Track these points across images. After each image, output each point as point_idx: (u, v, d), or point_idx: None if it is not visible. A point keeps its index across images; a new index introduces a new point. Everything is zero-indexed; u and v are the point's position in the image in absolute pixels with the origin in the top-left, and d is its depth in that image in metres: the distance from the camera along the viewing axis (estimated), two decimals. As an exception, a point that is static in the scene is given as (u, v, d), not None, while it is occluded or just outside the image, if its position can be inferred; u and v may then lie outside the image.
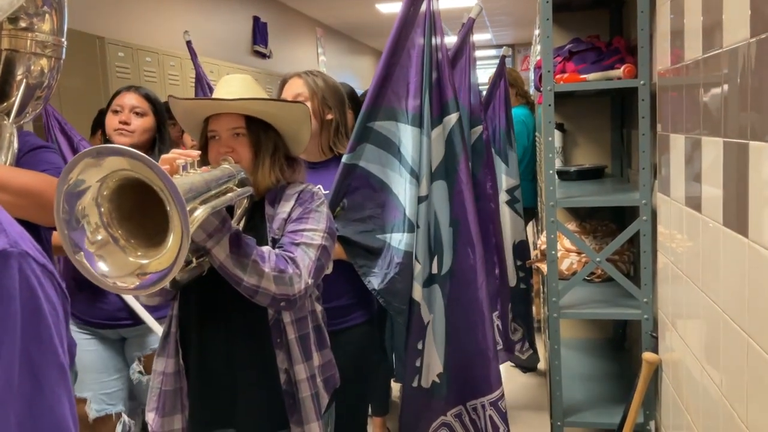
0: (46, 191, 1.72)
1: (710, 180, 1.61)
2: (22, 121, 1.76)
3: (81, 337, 2.46)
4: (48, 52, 1.72)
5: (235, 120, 1.74)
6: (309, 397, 1.76)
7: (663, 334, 2.22)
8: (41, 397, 0.68)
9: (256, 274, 1.58)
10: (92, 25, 4.61)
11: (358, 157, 2.21)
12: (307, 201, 1.77)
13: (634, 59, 2.39)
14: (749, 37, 1.32)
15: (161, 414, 1.73)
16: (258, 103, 1.74)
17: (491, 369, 2.33)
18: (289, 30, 9.14)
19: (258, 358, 1.73)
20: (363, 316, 2.29)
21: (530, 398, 3.87)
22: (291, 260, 1.66)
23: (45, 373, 0.69)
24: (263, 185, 1.79)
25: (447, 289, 2.30)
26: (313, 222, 1.73)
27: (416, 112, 2.23)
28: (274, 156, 1.78)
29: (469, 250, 2.30)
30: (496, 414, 2.33)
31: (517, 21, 11.22)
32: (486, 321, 2.31)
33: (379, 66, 2.23)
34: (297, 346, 1.76)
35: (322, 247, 1.72)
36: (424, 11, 2.26)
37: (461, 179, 2.30)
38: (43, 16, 1.72)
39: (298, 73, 2.31)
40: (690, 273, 1.83)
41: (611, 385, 2.76)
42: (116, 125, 2.44)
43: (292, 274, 1.63)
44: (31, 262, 0.70)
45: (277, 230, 1.74)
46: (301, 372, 1.75)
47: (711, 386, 1.64)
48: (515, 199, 3.93)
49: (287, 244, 1.70)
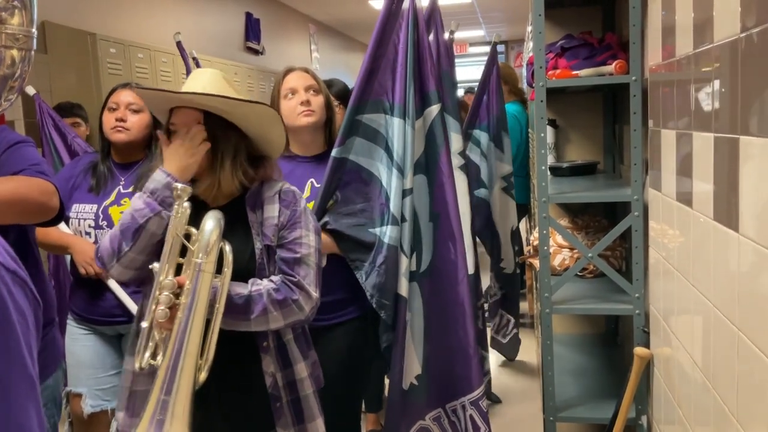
0: (27, 195, 1.72)
1: (701, 175, 1.62)
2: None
3: (78, 332, 2.47)
4: (19, 44, 1.71)
5: (192, 114, 1.69)
6: (312, 394, 1.77)
7: (654, 329, 2.23)
8: (9, 413, 0.65)
9: (262, 323, 1.63)
10: (84, 21, 4.59)
11: (348, 151, 2.21)
12: (292, 203, 1.75)
13: (626, 55, 2.40)
14: (739, 33, 1.33)
15: (131, 414, 1.70)
16: (209, 99, 1.67)
17: (472, 367, 2.30)
18: (281, 26, 9.12)
19: (241, 362, 1.72)
20: (357, 311, 2.28)
21: (523, 394, 3.88)
22: (295, 285, 1.66)
23: (13, 388, 0.66)
24: (227, 190, 1.73)
25: (426, 286, 2.27)
26: (304, 226, 1.73)
27: (402, 104, 2.23)
28: (235, 158, 1.71)
29: (450, 245, 2.28)
30: (477, 414, 2.31)
31: (510, 17, 11.22)
32: (467, 317, 2.29)
33: (365, 59, 2.23)
34: (294, 346, 1.77)
35: (317, 251, 1.74)
36: (408, 4, 2.26)
37: (442, 172, 2.28)
38: (12, 9, 1.71)
39: (303, 67, 2.34)
40: (681, 268, 1.84)
41: (603, 380, 2.77)
42: (113, 123, 2.44)
43: (300, 299, 1.65)
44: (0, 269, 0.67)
45: (273, 237, 1.72)
46: (302, 370, 1.76)
47: (702, 380, 1.65)
48: (511, 185, 3.97)
49: (289, 263, 1.69)
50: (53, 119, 3.51)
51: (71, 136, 3.52)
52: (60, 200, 1.85)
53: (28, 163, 1.82)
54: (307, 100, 2.25)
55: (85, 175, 2.49)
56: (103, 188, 2.45)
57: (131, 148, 2.48)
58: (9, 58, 1.71)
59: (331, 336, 2.20)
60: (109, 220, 2.40)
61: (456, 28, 3.46)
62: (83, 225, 2.41)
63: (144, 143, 2.50)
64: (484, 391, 2.36)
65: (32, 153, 1.90)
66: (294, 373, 1.76)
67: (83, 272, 2.36)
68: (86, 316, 2.46)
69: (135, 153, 2.50)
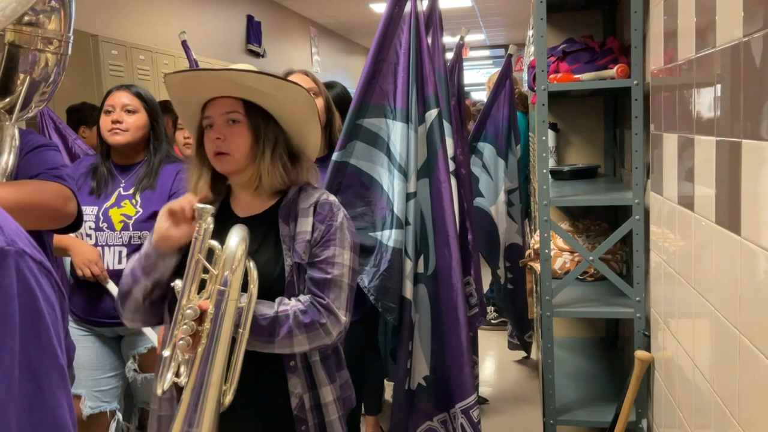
0: (42, 200, 1.68)
1: (702, 179, 1.62)
2: (25, 116, 1.73)
3: (78, 334, 2.46)
4: (52, 48, 1.67)
5: (231, 104, 1.59)
6: (337, 419, 1.68)
7: (655, 332, 2.23)
8: (41, 400, 0.67)
9: (286, 345, 1.55)
10: (86, 22, 4.59)
11: (349, 155, 2.22)
12: (328, 216, 1.62)
13: (627, 59, 2.40)
14: (742, 37, 1.33)
15: None
16: (255, 78, 1.56)
17: (464, 374, 2.30)
18: (282, 29, 9.13)
19: (267, 383, 1.63)
20: (355, 315, 2.29)
21: (523, 397, 3.88)
22: (324, 308, 1.57)
23: (45, 375, 0.67)
24: (267, 183, 1.63)
25: (431, 288, 2.29)
26: (339, 244, 1.61)
27: (404, 108, 2.24)
28: (275, 149, 1.62)
29: (446, 251, 2.28)
30: (467, 422, 2.30)
31: (511, 21, 11.23)
32: (461, 325, 2.29)
33: (367, 63, 2.24)
34: (321, 368, 1.67)
35: (352, 271, 1.63)
36: (410, 8, 2.27)
37: (439, 177, 2.29)
38: (50, 13, 1.67)
39: (303, 70, 2.34)
40: (682, 271, 1.84)
41: (604, 384, 2.77)
42: (109, 125, 2.44)
43: (327, 324, 1.56)
44: (28, 260, 0.68)
45: (303, 254, 1.60)
46: (328, 394, 1.67)
47: (703, 384, 1.65)
48: (511, 202, 3.94)
49: (319, 284, 1.58)
50: (54, 121, 3.51)
51: (72, 139, 3.52)
52: (78, 205, 1.81)
53: (45, 167, 1.77)
54: None
55: (86, 178, 2.49)
56: (103, 190, 2.45)
57: (130, 149, 2.48)
58: (43, 62, 1.69)
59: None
60: (109, 222, 2.40)
61: (466, 33, 3.46)
62: (84, 227, 2.41)
63: (143, 144, 2.50)
64: (476, 400, 2.35)
65: (53, 157, 1.84)
66: (319, 396, 1.66)
67: (81, 274, 2.36)
68: (86, 318, 2.46)
69: (135, 154, 2.50)
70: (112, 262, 2.39)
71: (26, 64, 1.65)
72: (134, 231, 2.38)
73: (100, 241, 2.40)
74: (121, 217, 2.40)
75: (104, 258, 2.39)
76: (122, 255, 2.39)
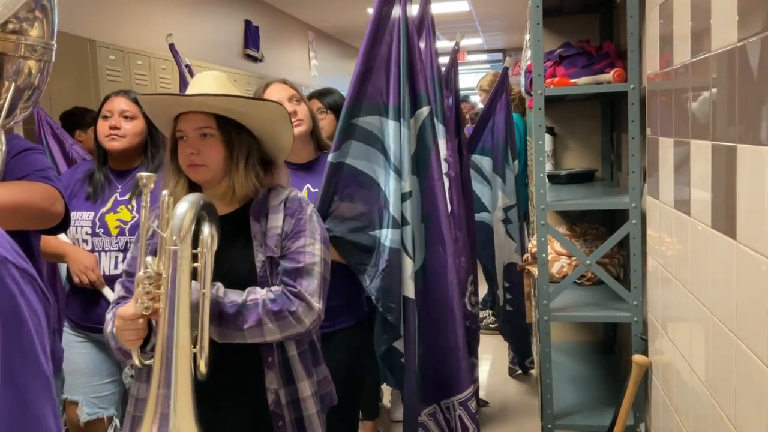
0: (30, 200, 1.70)
1: (699, 183, 1.62)
2: (10, 123, 1.74)
3: (74, 340, 2.46)
4: (37, 55, 1.69)
5: (203, 119, 1.62)
6: (315, 414, 1.69)
7: (652, 336, 2.23)
8: (26, 410, 0.66)
9: (256, 334, 1.56)
10: (83, 28, 4.59)
11: (344, 155, 2.21)
12: (297, 211, 1.68)
13: (623, 63, 2.41)
14: (737, 41, 1.34)
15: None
16: (223, 100, 1.60)
17: (461, 368, 2.32)
18: (280, 34, 9.14)
19: (244, 379, 1.65)
20: (353, 319, 2.29)
21: (521, 401, 3.87)
22: (295, 295, 1.59)
23: (29, 385, 0.66)
24: (241, 193, 1.68)
25: (420, 285, 2.29)
26: (309, 235, 1.66)
27: (396, 105, 2.24)
28: (248, 160, 1.66)
29: (440, 247, 2.29)
30: (465, 414, 2.32)
31: (508, 25, 11.25)
32: (456, 319, 2.30)
33: (358, 61, 2.23)
34: (298, 362, 1.68)
35: (324, 261, 1.67)
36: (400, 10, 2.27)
37: (432, 175, 2.29)
38: (33, 20, 1.69)
39: (281, 79, 2.35)
40: (679, 275, 1.84)
41: (601, 388, 2.77)
42: (107, 131, 2.43)
43: (298, 312, 1.58)
44: (10, 267, 0.66)
45: (275, 248, 1.65)
46: (305, 389, 1.68)
47: (700, 388, 1.64)
48: (509, 219, 3.87)
49: (290, 273, 1.62)
50: (51, 127, 3.51)
51: (69, 144, 3.52)
52: (66, 206, 1.82)
53: (32, 169, 1.80)
54: (294, 110, 2.26)
55: (82, 183, 2.48)
56: (100, 196, 2.44)
57: (127, 155, 2.48)
58: (27, 69, 1.71)
59: (327, 344, 2.20)
60: (105, 227, 2.39)
61: (461, 38, 3.47)
62: (80, 233, 2.41)
63: (140, 150, 2.50)
64: (474, 393, 2.38)
65: (39, 159, 1.87)
66: (297, 390, 1.68)
67: (77, 281, 2.35)
68: (82, 324, 2.45)
69: (131, 160, 2.50)
70: (108, 268, 2.39)
71: (11, 72, 1.66)
72: (130, 236, 2.38)
73: (96, 247, 2.40)
74: (117, 223, 2.39)
75: (100, 263, 2.38)
76: (118, 260, 2.39)
